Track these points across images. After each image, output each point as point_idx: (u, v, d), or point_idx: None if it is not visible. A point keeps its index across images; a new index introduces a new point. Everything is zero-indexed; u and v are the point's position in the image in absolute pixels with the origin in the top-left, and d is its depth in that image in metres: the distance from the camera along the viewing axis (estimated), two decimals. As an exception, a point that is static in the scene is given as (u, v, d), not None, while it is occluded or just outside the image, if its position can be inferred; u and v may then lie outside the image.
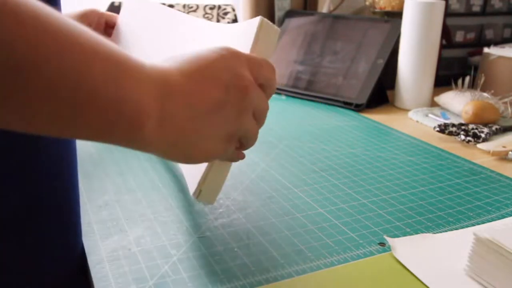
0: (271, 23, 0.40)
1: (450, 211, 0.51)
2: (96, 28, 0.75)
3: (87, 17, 0.75)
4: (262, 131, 0.40)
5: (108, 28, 0.77)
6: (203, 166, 0.42)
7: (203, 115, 0.33)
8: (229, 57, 0.35)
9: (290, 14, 1.12)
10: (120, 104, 0.29)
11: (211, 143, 0.35)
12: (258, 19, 0.40)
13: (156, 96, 0.31)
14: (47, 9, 0.26)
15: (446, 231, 0.47)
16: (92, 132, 0.29)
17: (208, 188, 0.42)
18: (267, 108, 0.39)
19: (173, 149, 0.34)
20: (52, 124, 0.27)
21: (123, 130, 0.30)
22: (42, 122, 0.27)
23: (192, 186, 0.44)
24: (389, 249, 0.44)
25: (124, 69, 0.29)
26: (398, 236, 0.46)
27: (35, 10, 0.25)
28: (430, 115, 0.86)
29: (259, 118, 0.38)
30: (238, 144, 0.39)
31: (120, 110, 0.29)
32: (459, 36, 1.08)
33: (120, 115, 0.29)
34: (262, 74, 0.37)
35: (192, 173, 0.44)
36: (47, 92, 0.26)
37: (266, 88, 0.38)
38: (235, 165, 0.62)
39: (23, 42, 0.24)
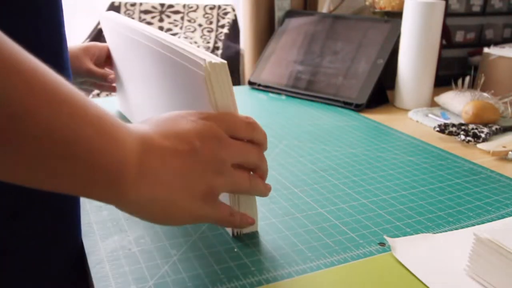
0: (216, 62, 0.40)
1: (450, 211, 0.51)
2: (97, 60, 0.80)
3: (89, 50, 0.79)
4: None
5: (108, 59, 0.80)
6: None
7: (176, 172, 0.35)
8: (197, 121, 0.38)
9: (290, 14, 1.12)
10: (101, 157, 0.30)
11: (188, 202, 0.36)
12: (201, 64, 0.40)
13: (136, 153, 0.32)
14: (43, 68, 0.28)
15: (446, 231, 0.47)
16: (74, 186, 0.31)
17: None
18: (253, 152, 0.40)
19: (149, 207, 0.34)
20: (35, 174, 0.29)
21: (102, 183, 0.31)
22: (26, 172, 0.28)
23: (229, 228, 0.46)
24: (389, 249, 0.44)
25: (106, 125, 0.31)
26: (398, 236, 0.46)
27: (33, 69, 0.27)
28: (430, 115, 0.86)
29: (251, 163, 0.40)
30: (225, 207, 0.40)
31: (100, 162, 0.30)
32: (459, 36, 1.08)
33: (99, 167, 0.30)
34: (232, 130, 0.39)
35: None
36: (36, 143, 0.27)
37: (260, 144, 0.41)
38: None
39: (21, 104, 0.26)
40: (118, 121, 0.32)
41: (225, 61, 0.40)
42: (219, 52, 1.31)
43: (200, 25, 1.35)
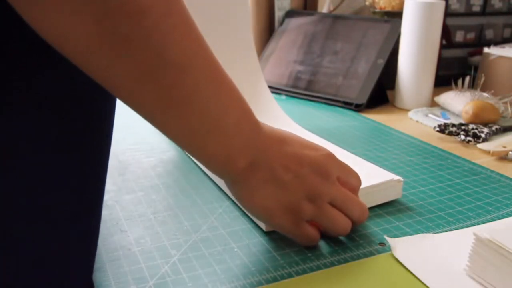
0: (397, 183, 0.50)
1: (450, 211, 0.51)
2: None
3: None
4: (262, 131, 0.41)
5: None
6: None
7: (275, 176, 0.40)
8: (327, 154, 0.43)
9: (290, 14, 1.12)
10: (232, 139, 0.37)
11: (276, 208, 0.41)
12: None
13: (253, 151, 0.39)
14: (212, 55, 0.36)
15: (446, 231, 0.47)
16: (200, 153, 0.38)
17: None
18: (355, 203, 0.44)
19: (240, 192, 0.41)
20: (181, 134, 0.37)
21: (221, 162, 0.38)
22: (174, 128, 0.37)
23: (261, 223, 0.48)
24: (389, 249, 0.44)
25: (246, 116, 0.39)
26: (398, 236, 0.46)
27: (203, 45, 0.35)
28: (430, 115, 0.86)
29: (344, 209, 0.43)
30: (309, 229, 0.43)
31: (229, 144, 0.37)
32: (459, 36, 1.08)
33: (224, 153, 0.38)
34: (347, 178, 0.44)
35: None
36: (195, 118, 0.35)
37: (354, 191, 0.45)
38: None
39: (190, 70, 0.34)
40: (257, 122, 0.39)
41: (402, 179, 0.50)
42: (219, 52, 1.31)
43: (200, 25, 1.34)
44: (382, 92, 0.95)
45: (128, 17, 0.29)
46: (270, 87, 1.01)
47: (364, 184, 0.47)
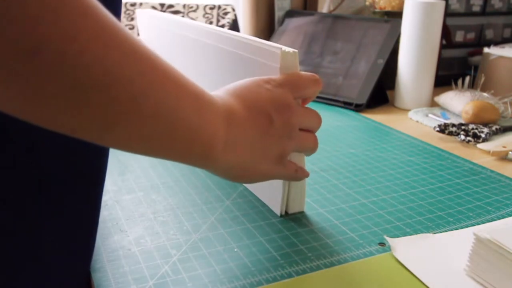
0: (289, 51, 0.44)
1: (450, 211, 0.51)
2: None
3: None
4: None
5: None
6: (278, 186, 0.49)
7: (255, 140, 0.39)
8: (272, 89, 0.41)
9: (290, 14, 1.12)
10: (198, 132, 0.35)
11: (264, 164, 0.41)
12: (277, 52, 0.44)
13: (224, 125, 0.37)
14: (150, 49, 0.31)
15: (446, 231, 0.47)
16: (172, 154, 0.35)
17: (294, 200, 0.50)
18: (315, 119, 0.45)
19: (233, 169, 0.39)
20: (143, 147, 0.33)
21: (197, 154, 0.36)
22: (133, 141, 0.32)
23: (276, 205, 0.50)
24: (389, 249, 0.44)
25: (202, 103, 0.35)
26: (398, 236, 0.46)
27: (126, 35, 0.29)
28: (430, 115, 0.86)
29: (311, 127, 0.44)
30: (292, 165, 0.44)
31: (197, 137, 0.35)
32: (459, 36, 1.08)
33: (197, 141, 0.35)
34: (303, 93, 0.44)
35: (272, 195, 0.51)
36: (147, 123, 0.31)
37: (308, 98, 0.45)
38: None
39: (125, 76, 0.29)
40: (210, 97, 0.36)
41: (296, 50, 0.44)
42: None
43: (200, 25, 1.34)
44: (382, 92, 0.95)
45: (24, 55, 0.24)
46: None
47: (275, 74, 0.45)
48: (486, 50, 0.97)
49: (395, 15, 1.02)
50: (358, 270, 0.41)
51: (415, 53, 0.88)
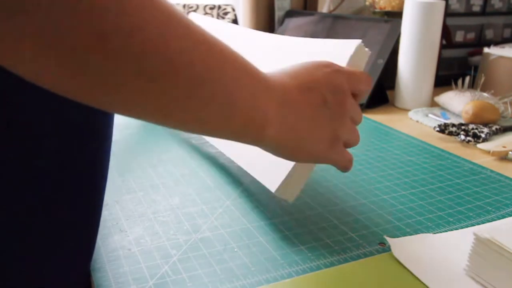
0: (364, 49, 0.47)
1: (450, 211, 0.51)
2: None
3: None
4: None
5: None
6: (285, 166, 0.47)
7: (308, 119, 0.40)
8: (330, 72, 0.42)
9: (290, 14, 1.12)
10: (253, 114, 0.36)
11: (316, 144, 0.41)
12: (355, 43, 0.47)
13: (277, 104, 0.38)
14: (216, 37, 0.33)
15: (446, 231, 0.47)
16: (226, 134, 0.37)
17: (291, 186, 0.47)
18: (360, 114, 0.45)
19: (284, 147, 0.40)
20: (197, 126, 0.34)
21: (251, 134, 0.37)
22: (190, 123, 0.34)
23: (272, 183, 0.48)
24: (389, 249, 0.44)
25: (258, 85, 0.36)
26: (398, 236, 0.46)
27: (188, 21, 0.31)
28: (430, 115, 0.86)
29: (357, 121, 0.45)
30: (348, 154, 0.45)
31: (252, 119, 0.36)
32: (459, 36, 1.08)
33: (251, 122, 0.36)
34: (357, 87, 0.44)
35: (273, 171, 0.48)
36: (213, 105, 0.33)
37: (358, 96, 0.45)
38: (235, 165, 0.62)
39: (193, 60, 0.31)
40: (266, 78, 0.37)
41: (369, 52, 0.47)
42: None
43: (200, 25, 1.34)
44: (382, 92, 0.95)
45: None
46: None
47: (343, 61, 0.47)
48: (486, 50, 0.97)
49: (395, 15, 1.02)
50: (358, 270, 0.41)
51: (415, 53, 0.88)
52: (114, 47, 0.26)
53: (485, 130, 0.72)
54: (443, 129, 0.74)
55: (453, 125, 0.74)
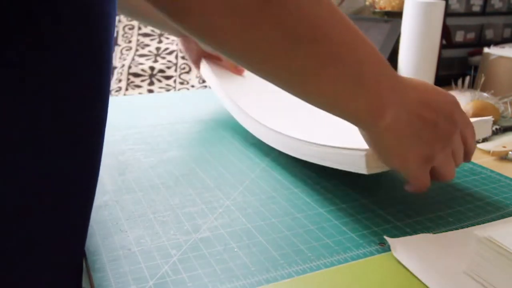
0: (486, 124, 0.54)
1: (450, 211, 0.51)
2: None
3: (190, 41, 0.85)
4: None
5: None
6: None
7: (415, 130, 0.43)
8: (453, 103, 0.46)
9: (290, 14, 1.11)
10: (375, 97, 0.40)
11: (411, 154, 0.44)
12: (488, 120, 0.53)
13: (395, 103, 0.41)
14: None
15: (446, 231, 0.47)
16: (347, 113, 0.42)
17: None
18: (461, 157, 0.47)
19: (383, 142, 0.43)
20: (328, 98, 0.41)
21: (367, 116, 0.41)
22: (323, 95, 0.40)
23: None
24: (389, 249, 0.44)
25: (386, 76, 0.41)
26: (398, 236, 0.46)
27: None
28: (430, 115, 0.86)
29: (457, 157, 0.47)
30: (428, 178, 0.46)
31: (372, 102, 0.41)
32: (459, 36, 1.07)
33: (371, 105, 0.41)
34: (466, 132, 0.47)
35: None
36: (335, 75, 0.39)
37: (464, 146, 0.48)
38: (235, 165, 0.62)
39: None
40: (399, 78, 0.42)
41: (492, 119, 0.55)
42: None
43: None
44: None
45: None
46: (270, 87, 1.01)
47: None
48: (486, 50, 0.97)
49: (395, 15, 1.02)
50: (358, 270, 0.41)
51: (415, 53, 0.88)
52: (274, 9, 0.34)
53: (485, 130, 0.72)
54: (443, 129, 0.74)
55: (453, 125, 0.74)
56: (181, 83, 1.19)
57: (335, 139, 0.52)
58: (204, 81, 1.18)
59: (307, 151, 0.56)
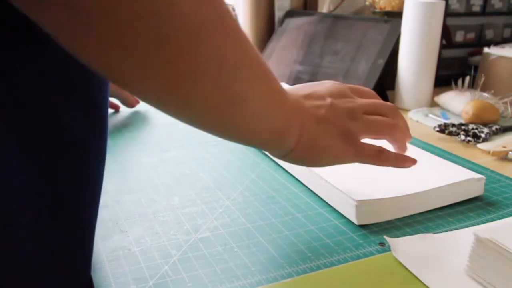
0: (478, 182, 0.54)
1: (450, 211, 0.51)
2: None
3: None
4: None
5: None
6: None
7: (318, 122, 0.43)
8: (329, 81, 0.48)
9: (290, 14, 1.12)
10: (281, 126, 0.40)
11: (328, 142, 0.43)
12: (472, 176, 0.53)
13: (297, 117, 0.42)
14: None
15: (446, 231, 0.47)
16: (254, 142, 0.42)
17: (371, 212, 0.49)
18: (381, 104, 0.48)
19: (306, 152, 0.43)
20: (229, 131, 0.38)
21: (275, 141, 0.41)
22: (227, 129, 0.38)
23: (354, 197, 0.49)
24: (389, 249, 0.44)
25: (283, 99, 0.40)
26: (398, 236, 0.46)
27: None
28: (430, 115, 0.86)
29: (381, 112, 0.47)
30: (370, 145, 0.45)
31: (279, 131, 0.40)
32: (459, 36, 1.08)
33: (277, 131, 0.40)
34: (361, 94, 0.49)
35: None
36: (237, 109, 0.36)
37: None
38: (235, 165, 0.62)
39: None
40: (284, 91, 0.41)
41: (484, 178, 0.54)
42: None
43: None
44: (382, 92, 0.94)
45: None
46: (270, 87, 1.01)
47: (445, 182, 0.52)
48: (486, 50, 0.97)
49: (395, 15, 1.02)
50: (358, 270, 0.41)
51: (415, 53, 0.88)
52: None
53: (485, 130, 0.72)
54: (443, 129, 0.74)
55: (453, 125, 0.74)
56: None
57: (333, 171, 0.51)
58: None
59: (306, 177, 0.57)
